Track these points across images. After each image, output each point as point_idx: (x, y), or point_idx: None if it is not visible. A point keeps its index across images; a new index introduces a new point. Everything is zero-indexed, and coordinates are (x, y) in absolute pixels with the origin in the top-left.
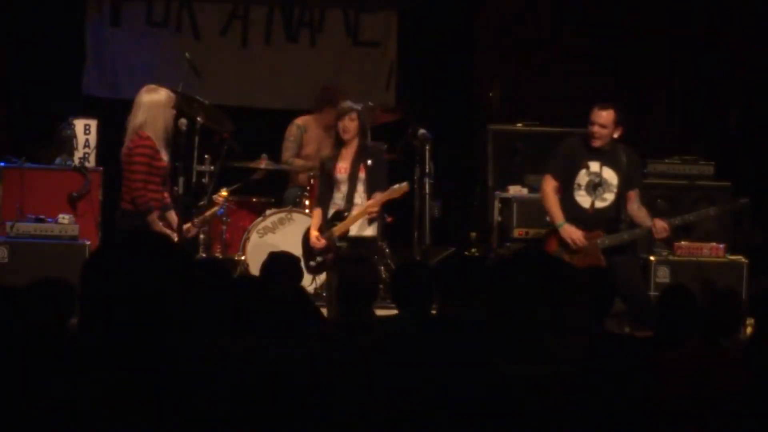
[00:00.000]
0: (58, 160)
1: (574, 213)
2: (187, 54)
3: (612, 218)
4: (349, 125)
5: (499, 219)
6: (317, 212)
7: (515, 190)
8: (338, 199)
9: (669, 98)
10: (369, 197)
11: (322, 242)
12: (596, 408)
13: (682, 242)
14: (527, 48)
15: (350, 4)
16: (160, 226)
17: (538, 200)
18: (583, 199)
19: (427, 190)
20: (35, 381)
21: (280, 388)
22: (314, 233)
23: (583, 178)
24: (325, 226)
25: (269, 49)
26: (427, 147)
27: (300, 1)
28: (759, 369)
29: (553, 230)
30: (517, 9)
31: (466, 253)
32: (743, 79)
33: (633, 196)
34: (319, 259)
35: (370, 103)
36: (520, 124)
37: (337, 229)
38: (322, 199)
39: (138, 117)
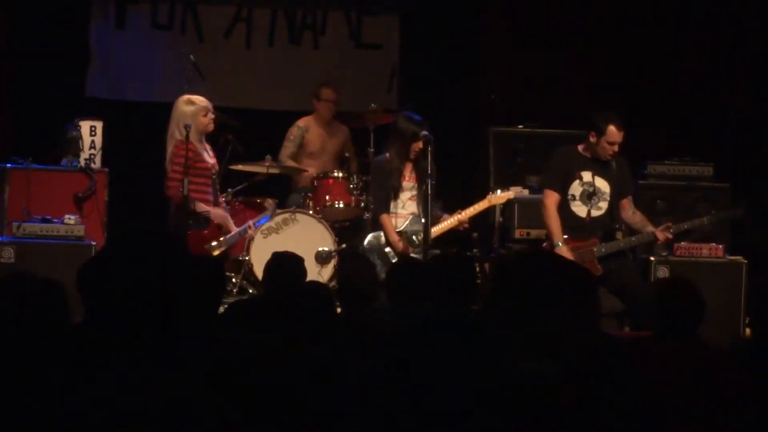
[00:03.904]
0: (64, 161)
1: (571, 223)
2: (191, 56)
3: (607, 225)
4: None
5: (501, 220)
6: (387, 218)
7: (516, 191)
8: (398, 206)
9: (668, 99)
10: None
11: (407, 246)
12: (600, 406)
13: (682, 243)
14: (529, 50)
15: (352, 7)
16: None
17: (538, 201)
18: (579, 208)
19: (429, 191)
20: (39, 378)
21: (282, 385)
22: (397, 237)
23: (576, 188)
24: (404, 235)
25: (272, 51)
26: (429, 148)
27: (303, 4)
28: (758, 368)
29: (549, 241)
30: (519, 11)
31: (468, 253)
32: (743, 80)
33: (626, 203)
34: None
35: (372, 105)
36: (521, 126)
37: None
38: (387, 207)
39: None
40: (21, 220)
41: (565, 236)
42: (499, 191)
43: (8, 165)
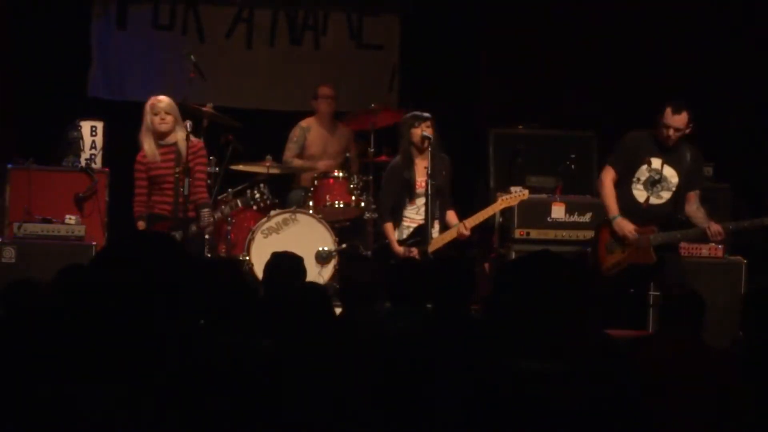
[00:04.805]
0: (65, 162)
1: (628, 205)
2: (192, 56)
3: (665, 215)
4: (419, 133)
5: (501, 220)
6: (390, 227)
7: (516, 191)
8: (412, 212)
9: (668, 99)
10: (444, 211)
11: (409, 254)
12: (600, 406)
13: (682, 243)
14: (529, 51)
15: (353, 8)
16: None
17: (538, 201)
18: (640, 193)
19: (429, 191)
20: (38, 380)
21: (282, 383)
22: (401, 248)
23: (643, 173)
24: (406, 242)
25: (273, 51)
26: (429, 149)
27: (304, 5)
28: (750, 365)
29: (607, 222)
30: (519, 12)
31: (468, 253)
32: (742, 80)
33: (693, 197)
34: None
35: (372, 105)
36: (521, 126)
37: (432, 247)
38: (394, 212)
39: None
40: (22, 220)
41: (629, 218)
42: (512, 190)
43: (9, 165)
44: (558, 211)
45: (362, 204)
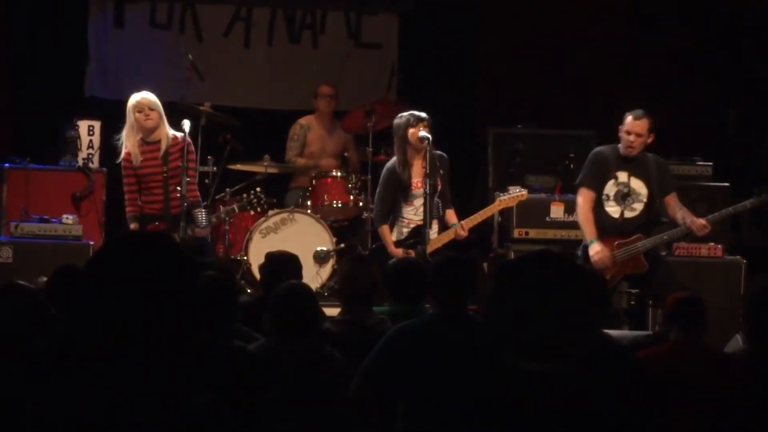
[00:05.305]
0: (62, 161)
1: (604, 223)
2: (189, 55)
3: (642, 226)
4: (417, 134)
5: (499, 219)
6: (386, 229)
7: (515, 191)
8: (410, 213)
9: (667, 99)
10: (443, 211)
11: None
12: (600, 406)
13: (681, 242)
14: (527, 50)
15: (352, 6)
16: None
17: (537, 201)
18: (613, 209)
19: (428, 191)
20: (31, 381)
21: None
22: (398, 250)
23: (611, 188)
24: (405, 243)
25: (272, 50)
26: (428, 148)
27: (302, 3)
28: (754, 368)
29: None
30: (517, 12)
31: (468, 254)
32: (741, 80)
33: (671, 201)
34: None
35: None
36: (520, 126)
37: (430, 247)
38: (387, 217)
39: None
40: (19, 219)
41: (607, 235)
42: (510, 189)
43: (6, 165)
44: (557, 211)
45: (360, 203)
